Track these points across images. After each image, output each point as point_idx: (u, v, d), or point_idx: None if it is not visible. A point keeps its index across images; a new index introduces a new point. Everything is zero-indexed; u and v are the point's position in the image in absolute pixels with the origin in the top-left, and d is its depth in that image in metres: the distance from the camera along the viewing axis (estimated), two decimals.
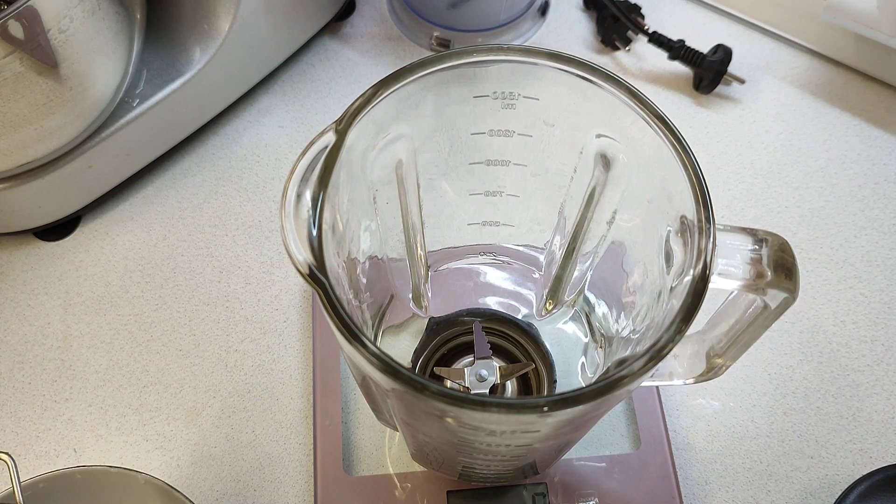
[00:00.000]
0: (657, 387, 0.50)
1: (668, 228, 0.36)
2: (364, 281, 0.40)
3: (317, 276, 0.31)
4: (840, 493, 0.46)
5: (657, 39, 0.63)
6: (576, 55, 0.33)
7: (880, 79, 0.64)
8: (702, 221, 0.33)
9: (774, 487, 0.49)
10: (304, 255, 0.30)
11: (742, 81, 0.63)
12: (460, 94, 0.34)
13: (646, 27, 0.63)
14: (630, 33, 0.65)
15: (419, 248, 0.45)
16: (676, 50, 0.63)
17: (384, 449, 0.49)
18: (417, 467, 0.48)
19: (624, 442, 0.49)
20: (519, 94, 0.35)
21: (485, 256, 0.49)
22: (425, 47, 0.65)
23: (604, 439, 0.49)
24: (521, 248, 0.48)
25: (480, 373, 0.47)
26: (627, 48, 0.66)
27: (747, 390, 0.52)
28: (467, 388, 0.47)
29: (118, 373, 0.52)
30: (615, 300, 0.44)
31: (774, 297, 0.35)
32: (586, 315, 0.48)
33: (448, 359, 0.49)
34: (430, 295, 0.48)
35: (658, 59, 0.63)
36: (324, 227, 0.31)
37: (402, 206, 0.41)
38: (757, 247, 0.34)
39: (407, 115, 0.35)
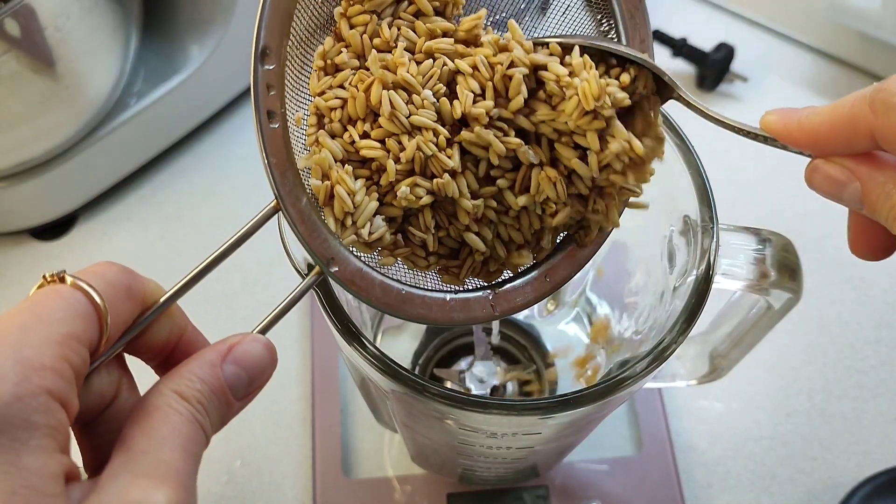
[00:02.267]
0: (660, 388, 0.50)
1: (672, 228, 0.35)
2: None
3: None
4: (844, 495, 0.46)
5: (659, 37, 0.63)
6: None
7: (884, 77, 0.63)
8: (705, 221, 0.33)
9: (778, 490, 0.48)
10: (302, 255, 0.30)
11: (745, 80, 0.63)
12: None
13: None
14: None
15: None
16: (679, 48, 0.62)
17: (383, 451, 0.48)
18: (417, 470, 0.47)
19: (626, 444, 0.49)
20: None
21: None
22: None
23: (605, 442, 0.49)
24: None
25: (481, 374, 0.47)
26: None
27: (750, 392, 0.51)
28: (468, 389, 0.47)
29: None
30: (617, 301, 0.44)
31: (778, 297, 0.35)
32: (588, 316, 0.47)
33: (448, 360, 0.49)
34: None
35: (660, 56, 0.63)
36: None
37: None
38: (761, 247, 0.34)
39: None
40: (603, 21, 0.31)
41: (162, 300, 0.26)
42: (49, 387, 0.20)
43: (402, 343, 0.48)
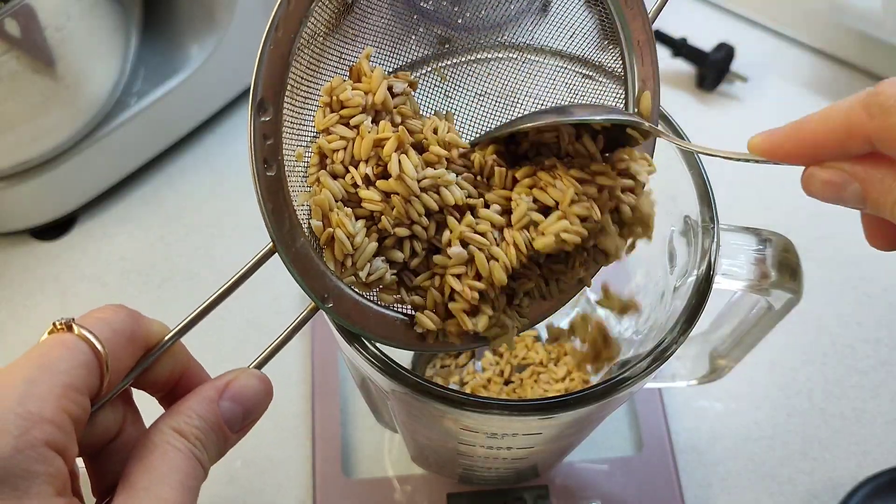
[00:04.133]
0: (660, 388, 0.50)
1: (672, 228, 0.35)
2: None
3: None
4: (844, 495, 0.46)
5: (659, 37, 0.62)
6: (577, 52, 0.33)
7: (884, 77, 0.63)
8: (706, 221, 0.33)
9: (778, 490, 0.48)
10: None
11: (745, 80, 0.63)
12: (463, 96, 0.34)
13: None
14: None
15: None
16: (679, 48, 0.62)
17: (383, 451, 0.48)
18: (417, 470, 0.47)
19: (626, 444, 0.49)
20: (520, 92, 0.34)
21: None
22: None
23: (606, 442, 0.49)
24: None
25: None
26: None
27: (750, 392, 0.51)
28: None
29: None
30: None
31: (778, 297, 0.35)
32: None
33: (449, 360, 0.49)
34: None
35: (660, 56, 0.63)
36: None
37: None
38: (761, 247, 0.34)
39: None
40: (608, 46, 0.31)
41: (161, 344, 0.27)
42: (48, 439, 0.22)
43: None
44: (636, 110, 0.32)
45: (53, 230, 0.57)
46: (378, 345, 0.30)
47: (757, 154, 0.27)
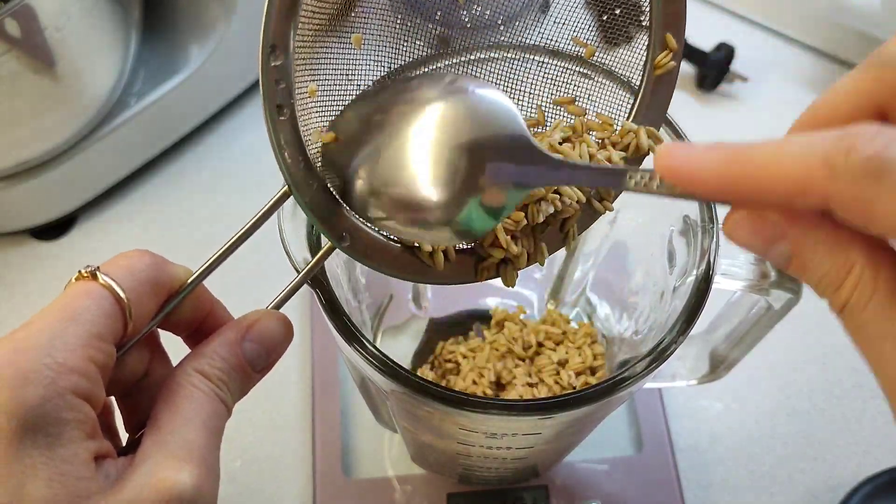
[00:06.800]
0: (660, 388, 0.50)
1: (671, 228, 0.35)
2: (363, 281, 0.39)
3: (315, 276, 0.30)
4: (844, 495, 0.46)
5: None
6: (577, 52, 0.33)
7: None
8: (705, 221, 0.33)
9: (778, 490, 0.48)
10: (302, 255, 0.30)
11: (745, 80, 0.63)
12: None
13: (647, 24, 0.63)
14: (632, 30, 0.65)
15: None
16: None
17: (383, 451, 0.48)
18: (417, 469, 0.47)
19: (626, 444, 0.49)
20: (519, 91, 0.35)
21: None
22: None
23: (605, 442, 0.49)
24: None
25: None
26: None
27: (751, 392, 0.51)
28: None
29: None
30: (617, 301, 0.44)
31: (778, 297, 0.35)
32: (588, 316, 0.47)
33: None
34: (429, 295, 0.48)
35: None
36: None
37: None
38: None
39: None
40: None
41: (183, 289, 0.28)
42: (74, 387, 0.23)
43: (402, 343, 0.48)
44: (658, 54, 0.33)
45: (53, 230, 0.57)
46: (377, 344, 0.30)
47: (685, 187, 0.21)
